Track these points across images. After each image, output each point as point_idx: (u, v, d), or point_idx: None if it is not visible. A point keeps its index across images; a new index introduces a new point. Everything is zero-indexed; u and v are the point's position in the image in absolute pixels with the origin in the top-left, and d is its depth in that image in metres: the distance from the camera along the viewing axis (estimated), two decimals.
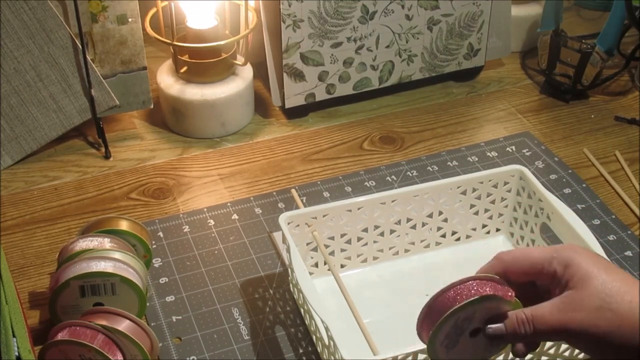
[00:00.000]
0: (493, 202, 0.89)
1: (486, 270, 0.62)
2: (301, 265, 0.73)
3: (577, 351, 0.72)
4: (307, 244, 0.82)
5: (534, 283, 0.61)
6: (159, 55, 1.19)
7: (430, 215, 0.87)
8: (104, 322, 0.72)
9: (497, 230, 0.91)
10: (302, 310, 0.81)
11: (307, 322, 0.80)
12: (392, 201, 0.84)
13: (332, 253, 0.84)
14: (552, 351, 0.71)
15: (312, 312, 0.70)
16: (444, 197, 0.86)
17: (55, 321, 0.77)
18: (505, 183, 0.87)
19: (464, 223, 0.89)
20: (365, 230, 0.85)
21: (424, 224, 0.87)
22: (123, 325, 0.72)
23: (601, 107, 1.17)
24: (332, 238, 0.83)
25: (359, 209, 0.83)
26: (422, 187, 0.85)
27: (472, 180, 0.86)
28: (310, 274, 0.82)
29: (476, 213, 0.89)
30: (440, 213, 0.87)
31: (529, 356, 0.70)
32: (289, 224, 0.79)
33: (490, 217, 0.90)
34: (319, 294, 0.72)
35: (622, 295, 0.57)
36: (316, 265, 0.85)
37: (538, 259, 0.61)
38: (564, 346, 0.71)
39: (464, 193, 0.86)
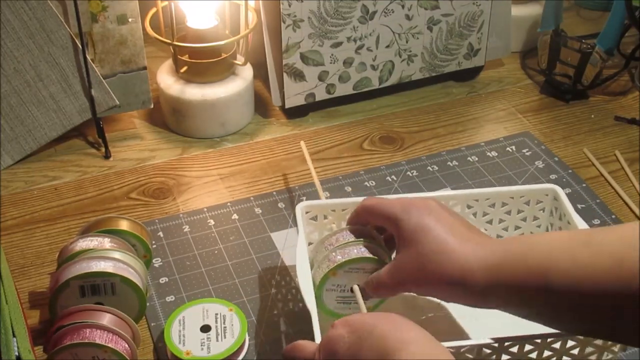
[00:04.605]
0: (524, 219, 0.84)
1: (353, 220, 0.71)
2: (305, 255, 0.72)
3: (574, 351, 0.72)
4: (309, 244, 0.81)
5: None
6: (159, 55, 1.19)
7: None
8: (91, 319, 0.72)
9: None
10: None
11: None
12: None
13: None
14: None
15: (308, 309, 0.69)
16: (471, 207, 0.82)
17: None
18: (538, 202, 0.82)
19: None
20: None
21: None
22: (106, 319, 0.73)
23: (601, 107, 1.17)
24: None
25: None
26: (449, 194, 0.83)
27: (502, 193, 0.82)
28: None
29: (505, 229, 0.84)
30: None
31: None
32: (306, 212, 0.79)
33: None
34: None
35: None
36: None
37: (389, 212, 0.65)
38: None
39: (492, 206, 0.82)
